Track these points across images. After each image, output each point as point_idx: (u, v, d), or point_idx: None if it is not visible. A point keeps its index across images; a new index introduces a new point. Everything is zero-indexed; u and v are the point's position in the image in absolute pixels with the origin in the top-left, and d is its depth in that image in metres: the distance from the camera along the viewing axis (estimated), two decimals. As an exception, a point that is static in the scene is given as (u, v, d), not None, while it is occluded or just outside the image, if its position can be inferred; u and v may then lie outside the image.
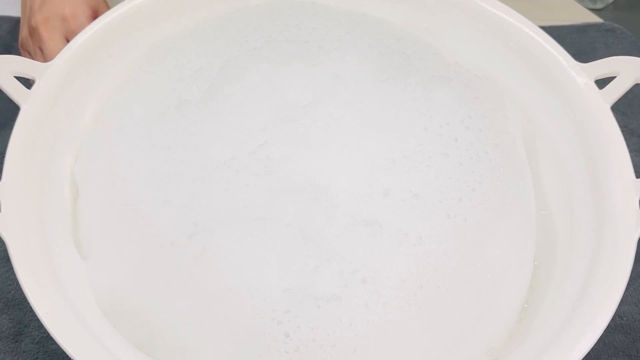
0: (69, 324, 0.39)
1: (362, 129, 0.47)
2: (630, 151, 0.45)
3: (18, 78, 0.44)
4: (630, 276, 0.41)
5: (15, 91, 0.44)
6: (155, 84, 0.50)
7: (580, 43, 0.69)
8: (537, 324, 0.43)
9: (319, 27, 0.53)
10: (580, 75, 0.48)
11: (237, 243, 0.43)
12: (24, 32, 0.62)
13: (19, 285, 0.39)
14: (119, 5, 0.51)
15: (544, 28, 0.52)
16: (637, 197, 0.43)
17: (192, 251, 0.43)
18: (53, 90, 0.46)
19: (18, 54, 0.62)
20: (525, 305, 0.45)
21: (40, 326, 0.49)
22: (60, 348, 0.37)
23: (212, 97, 0.48)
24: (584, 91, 0.47)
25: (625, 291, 0.40)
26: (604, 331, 0.39)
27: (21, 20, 0.63)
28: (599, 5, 0.80)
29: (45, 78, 0.46)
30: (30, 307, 0.38)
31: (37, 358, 0.48)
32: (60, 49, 0.48)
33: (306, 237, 0.43)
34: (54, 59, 0.46)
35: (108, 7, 0.60)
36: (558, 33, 0.58)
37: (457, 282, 0.43)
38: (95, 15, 0.60)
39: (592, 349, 0.38)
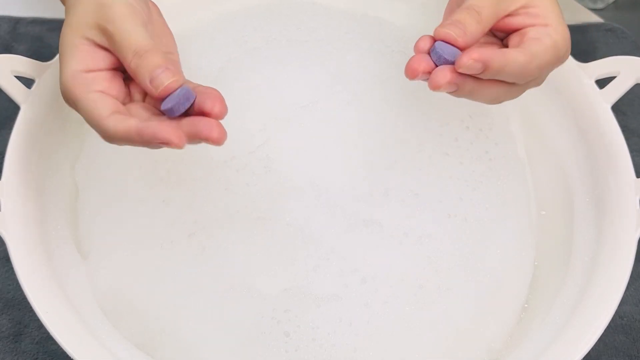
0: (69, 324, 0.39)
1: (362, 129, 0.47)
2: (631, 151, 0.45)
3: (18, 78, 0.44)
4: (630, 276, 0.41)
5: (15, 91, 0.43)
6: (155, 83, 0.49)
7: (580, 43, 0.69)
8: (537, 324, 0.43)
9: (319, 27, 0.53)
10: (581, 75, 0.48)
11: (237, 243, 0.43)
12: None
13: (19, 285, 0.39)
14: (119, 5, 0.51)
15: (544, 28, 0.52)
16: (637, 197, 0.43)
17: (192, 251, 0.43)
18: (53, 90, 0.46)
19: (18, 53, 0.62)
20: (526, 305, 0.45)
21: (40, 326, 0.48)
22: (60, 348, 0.37)
23: (212, 97, 0.48)
24: (584, 91, 0.47)
25: (625, 291, 0.40)
26: (604, 331, 0.39)
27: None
28: (599, 5, 0.80)
29: (45, 78, 0.46)
30: (30, 307, 0.38)
31: (37, 358, 0.48)
32: None
33: (306, 237, 0.43)
34: (55, 58, 0.46)
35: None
36: (558, 33, 0.58)
37: (457, 282, 0.43)
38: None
39: (592, 349, 0.38)
